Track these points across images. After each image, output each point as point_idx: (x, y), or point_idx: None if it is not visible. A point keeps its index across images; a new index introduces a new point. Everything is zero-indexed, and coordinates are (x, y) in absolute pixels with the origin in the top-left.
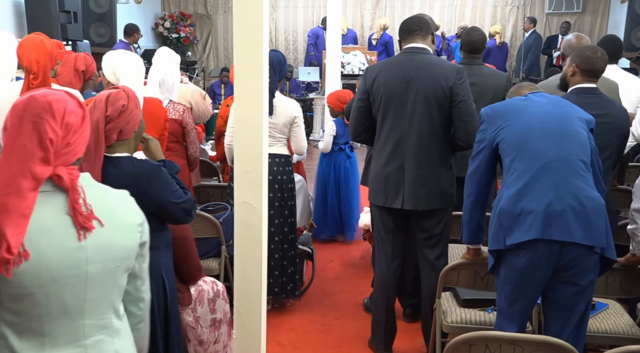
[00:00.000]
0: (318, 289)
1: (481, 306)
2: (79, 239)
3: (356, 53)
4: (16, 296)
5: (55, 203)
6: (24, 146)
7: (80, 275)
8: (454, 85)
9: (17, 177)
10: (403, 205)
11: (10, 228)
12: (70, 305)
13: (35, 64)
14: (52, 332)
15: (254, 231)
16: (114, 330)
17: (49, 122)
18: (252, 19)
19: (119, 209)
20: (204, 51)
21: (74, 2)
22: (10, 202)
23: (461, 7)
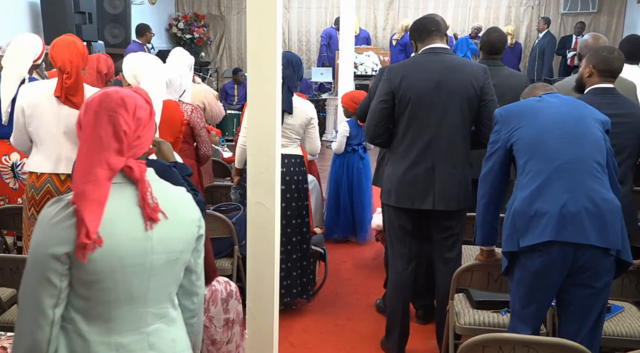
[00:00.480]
0: (330, 290)
1: (494, 308)
2: (146, 229)
3: (369, 54)
4: (88, 282)
5: (126, 194)
6: (100, 138)
7: (145, 264)
8: (484, 84)
9: (95, 167)
10: (434, 206)
11: (88, 214)
12: (135, 292)
13: (69, 64)
14: (117, 318)
15: (266, 231)
16: (171, 320)
17: (123, 115)
18: (265, 19)
19: (179, 204)
20: (217, 52)
21: (89, 3)
22: (89, 190)
23: (475, 8)
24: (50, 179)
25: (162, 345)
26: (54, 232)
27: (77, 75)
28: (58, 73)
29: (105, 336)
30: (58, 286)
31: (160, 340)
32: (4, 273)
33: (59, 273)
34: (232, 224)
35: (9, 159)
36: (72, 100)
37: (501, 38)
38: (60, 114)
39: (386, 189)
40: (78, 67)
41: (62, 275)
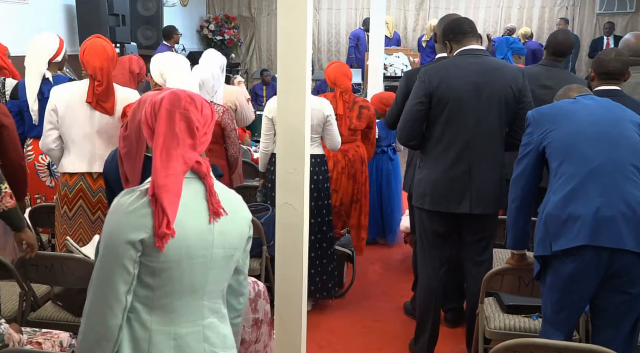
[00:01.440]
0: (358, 291)
1: (526, 312)
2: (209, 222)
3: (399, 55)
4: (156, 270)
5: (193, 188)
6: (176, 134)
7: (207, 256)
8: (522, 87)
9: (173, 161)
10: (471, 209)
11: (168, 204)
12: (197, 284)
13: (99, 72)
14: (179, 309)
15: (295, 232)
16: (222, 316)
17: (194, 112)
18: (295, 21)
19: (235, 203)
20: (247, 53)
21: (123, 5)
22: (170, 183)
23: (507, 8)
24: (83, 177)
25: (215, 339)
26: (131, 219)
27: (108, 82)
28: (89, 79)
29: (166, 325)
30: (132, 272)
31: (214, 334)
32: (39, 270)
33: (133, 260)
34: (261, 224)
35: (45, 159)
36: (104, 106)
37: (569, 41)
38: (94, 116)
39: (420, 192)
40: (109, 73)
41: (135, 262)
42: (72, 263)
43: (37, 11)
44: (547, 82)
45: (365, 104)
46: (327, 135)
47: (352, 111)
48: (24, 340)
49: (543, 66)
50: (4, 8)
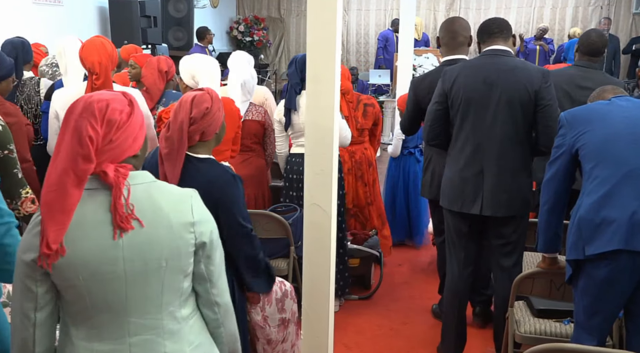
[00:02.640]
0: (386, 293)
1: (557, 317)
2: (114, 238)
3: (428, 55)
4: (62, 287)
5: (99, 200)
6: (66, 145)
7: (117, 272)
8: (540, 89)
9: (61, 175)
10: (482, 211)
11: (51, 224)
12: (112, 301)
13: (98, 66)
14: (98, 325)
15: (322, 232)
16: (167, 332)
17: (89, 120)
18: (325, 22)
19: (168, 208)
20: (276, 54)
21: (155, 7)
22: (53, 199)
23: (540, 8)
24: None
25: None
26: (26, 239)
27: (105, 76)
28: (88, 75)
29: (89, 341)
30: (34, 291)
31: (146, 351)
32: None
33: (33, 279)
34: (289, 225)
35: None
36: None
37: (603, 39)
38: None
39: (442, 191)
40: (107, 68)
41: (37, 280)
42: None
43: (70, 13)
44: (585, 83)
45: (370, 102)
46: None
47: (356, 110)
48: None
49: (578, 67)
50: (39, 10)
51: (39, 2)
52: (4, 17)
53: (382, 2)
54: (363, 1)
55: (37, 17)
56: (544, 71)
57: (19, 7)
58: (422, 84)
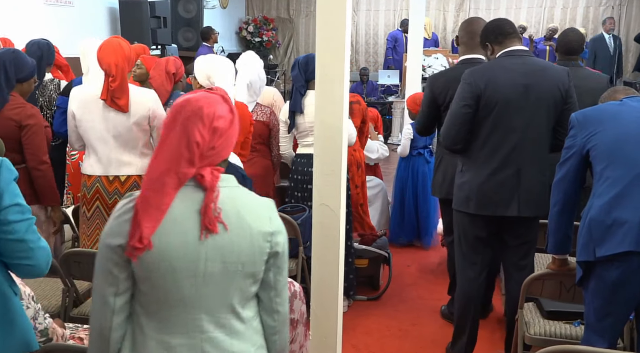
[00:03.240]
0: (394, 294)
1: (567, 319)
2: (200, 238)
3: (437, 56)
4: (141, 277)
5: (191, 197)
6: (173, 146)
7: (196, 270)
8: (569, 87)
9: (163, 174)
10: (519, 212)
11: (146, 220)
12: (187, 296)
13: (114, 68)
14: (171, 318)
15: (331, 233)
16: (234, 331)
17: (197, 126)
18: (334, 22)
19: (249, 216)
20: (285, 55)
21: (164, 8)
22: (152, 196)
23: (550, 8)
24: (99, 179)
25: None
26: (113, 224)
27: (122, 78)
28: (104, 76)
29: (160, 333)
30: (116, 275)
31: (216, 349)
32: (81, 267)
33: (117, 264)
34: (297, 225)
35: None
36: (118, 103)
37: (579, 38)
38: (108, 118)
39: (463, 196)
40: (123, 70)
41: (119, 265)
42: None
43: (81, 13)
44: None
45: (355, 99)
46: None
47: None
48: (66, 334)
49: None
50: (50, 11)
51: (50, 3)
52: (16, 17)
53: (391, 2)
54: (372, 1)
55: (48, 18)
56: (567, 69)
57: (31, 7)
58: (438, 82)
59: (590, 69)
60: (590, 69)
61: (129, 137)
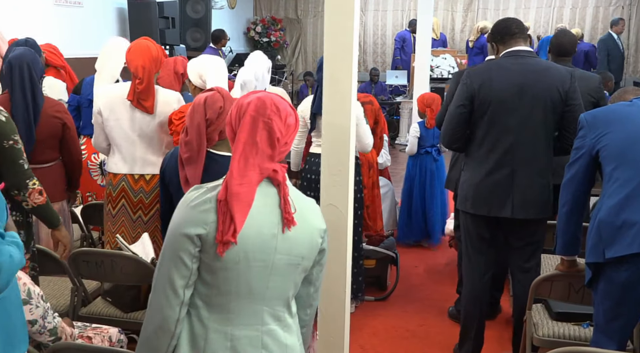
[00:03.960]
0: (401, 295)
1: (575, 320)
2: (282, 231)
3: (445, 56)
4: (213, 268)
5: (265, 192)
6: (256, 143)
7: (267, 262)
8: (569, 89)
9: (249, 169)
10: (513, 214)
11: (238, 214)
12: (255, 287)
13: (141, 70)
14: (236, 310)
15: (339, 233)
16: (287, 325)
17: (277, 122)
18: (342, 23)
19: (308, 212)
20: (293, 55)
21: (173, 8)
22: (243, 192)
23: (559, 8)
24: (125, 178)
25: (275, 347)
26: (191, 214)
27: (149, 81)
28: (132, 78)
29: (223, 325)
30: (189, 266)
31: (274, 342)
32: (89, 266)
33: (191, 254)
34: None
35: (97, 157)
36: (144, 104)
37: (571, 40)
38: (134, 118)
39: (462, 195)
40: (150, 72)
41: (193, 256)
42: (121, 260)
43: (90, 14)
44: None
45: (367, 100)
46: (356, 137)
47: None
48: (75, 334)
49: None
50: (60, 11)
51: (59, 4)
52: (25, 18)
53: (399, 2)
54: (380, 2)
55: (57, 18)
56: (571, 71)
57: (41, 8)
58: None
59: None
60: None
61: (153, 137)
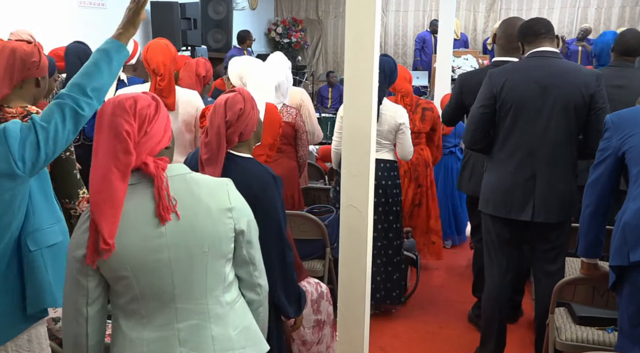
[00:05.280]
0: (422, 296)
1: (599, 325)
2: (161, 224)
3: (467, 57)
4: (111, 279)
5: (141, 193)
6: (104, 144)
7: (163, 260)
8: (595, 92)
9: (105, 173)
10: (533, 217)
11: (104, 221)
12: (159, 288)
13: (162, 67)
14: (148, 314)
15: (359, 234)
16: (213, 316)
17: (123, 116)
18: (364, 24)
19: (206, 196)
20: (314, 56)
21: (194, 9)
22: (102, 197)
23: (584, 8)
24: None
25: (196, 342)
26: (76, 236)
27: (169, 77)
28: (152, 75)
29: (139, 331)
30: (85, 286)
31: (193, 336)
32: None
33: (85, 274)
34: (325, 226)
35: None
36: (166, 102)
37: (637, 38)
38: None
39: (484, 197)
40: (170, 70)
41: (87, 275)
42: None
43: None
44: (619, 81)
45: (429, 106)
46: (399, 144)
47: (414, 113)
48: None
49: (612, 67)
50: (84, 13)
51: (84, 5)
52: (51, 19)
53: (420, 3)
54: (402, 2)
55: (81, 20)
56: (597, 73)
57: (66, 10)
58: (469, 81)
59: None
60: None
61: (177, 136)
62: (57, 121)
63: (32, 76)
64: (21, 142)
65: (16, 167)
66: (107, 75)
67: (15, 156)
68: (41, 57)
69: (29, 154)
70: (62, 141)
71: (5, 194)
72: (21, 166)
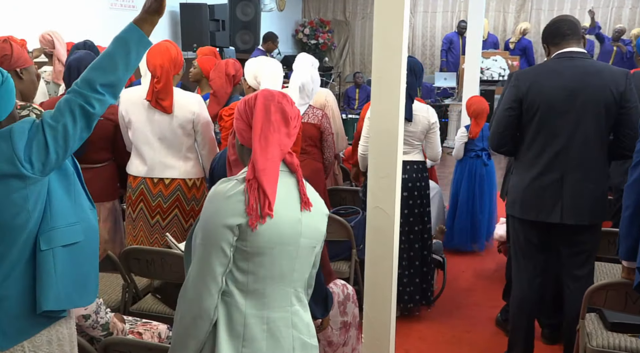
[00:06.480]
0: (449, 299)
1: (632, 331)
2: (301, 210)
3: (496, 58)
4: (249, 255)
5: (284, 180)
6: (272, 122)
7: (295, 245)
8: (625, 91)
9: (270, 146)
10: (562, 219)
11: (269, 187)
12: (285, 271)
13: (159, 69)
14: (270, 294)
15: (385, 236)
16: (304, 305)
17: (287, 105)
18: (392, 25)
19: (316, 198)
20: (341, 57)
21: (223, 11)
22: (269, 167)
23: (618, 8)
24: (144, 181)
25: (301, 326)
26: (229, 205)
27: (166, 80)
28: (150, 77)
29: (259, 310)
30: (228, 255)
31: (300, 321)
32: (140, 263)
33: (230, 243)
34: (351, 227)
35: None
36: (162, 104)
37: None
38: (153, 120)
39: (511, 199)
40: (168, 72)
41: (232, 245)
42: (171, 258)
43: None
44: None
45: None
46: (429, 144)
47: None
48: (126, 329)
49: None
50: (115, 14)
51: (114, 7)
52: (83, 21)
53: (449, 4)
54: (430, 3)
55: (112, 21)
56: (627, 71)
57: (97, 11)
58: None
59: None
60: None
61: (173, 140)
62: (67, 120)
63: (7, 69)
64: (28, 143)
65: (23, 168)
66: (123, 70)
67: (21, 158)
68: (13, 50)
69: (37, 155)
70: (74, 139)
71: (14, 194)
72: (29, 168)
